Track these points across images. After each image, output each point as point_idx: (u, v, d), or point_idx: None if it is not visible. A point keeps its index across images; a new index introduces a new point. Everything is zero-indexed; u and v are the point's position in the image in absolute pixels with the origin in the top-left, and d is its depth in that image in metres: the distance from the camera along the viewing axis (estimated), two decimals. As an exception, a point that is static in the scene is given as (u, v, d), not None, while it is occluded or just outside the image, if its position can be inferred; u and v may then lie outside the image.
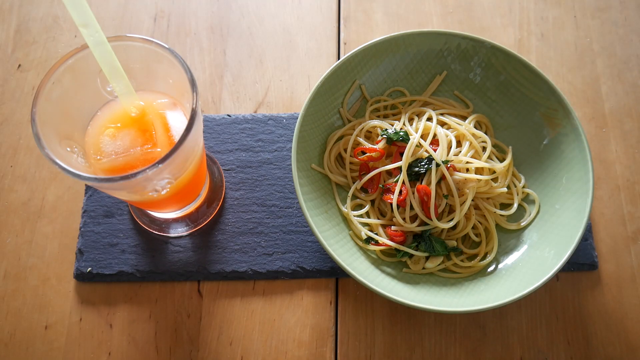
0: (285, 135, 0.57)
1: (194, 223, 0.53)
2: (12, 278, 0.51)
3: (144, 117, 0.43)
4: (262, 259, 0.52)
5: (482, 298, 0.46)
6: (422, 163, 0.49)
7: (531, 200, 0.52)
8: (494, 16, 0.65)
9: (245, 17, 0.64)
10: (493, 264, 0.50)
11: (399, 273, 0.49)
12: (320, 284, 0.52)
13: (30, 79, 0.60)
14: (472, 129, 0.52)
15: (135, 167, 0.41)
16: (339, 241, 0.48)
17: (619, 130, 0.59)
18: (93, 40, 0.38)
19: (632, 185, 0.56)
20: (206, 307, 0.51)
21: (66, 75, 0.39)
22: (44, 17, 0.64)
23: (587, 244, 0.52)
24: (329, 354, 0.49)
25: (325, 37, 0.63)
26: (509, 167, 0.53)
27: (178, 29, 0.63)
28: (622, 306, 0.51)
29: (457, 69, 0.56)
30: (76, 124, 0.43)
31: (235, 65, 0.62)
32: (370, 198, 0.52)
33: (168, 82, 0.43)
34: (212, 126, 0.57)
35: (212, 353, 0.49)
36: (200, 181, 0.51)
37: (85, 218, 0.53)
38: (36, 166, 0.56)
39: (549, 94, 0.52)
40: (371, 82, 0.56)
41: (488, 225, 0.51)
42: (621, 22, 0.64)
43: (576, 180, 0.49)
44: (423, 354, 0.49)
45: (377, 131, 0.53)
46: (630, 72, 0.61)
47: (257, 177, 0.55)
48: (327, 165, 0.53)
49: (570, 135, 0.50)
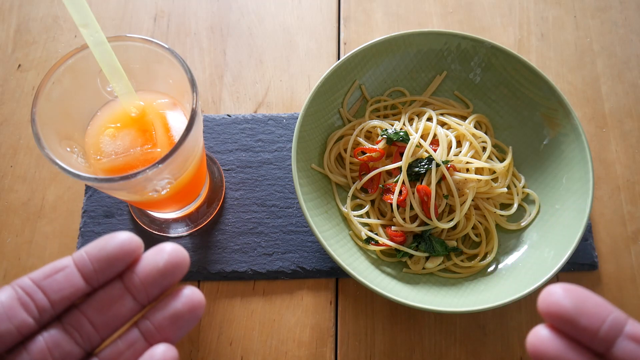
0: (285, 135, 0.57)
1: (194, 223, 0.53)
2: (12, 278, 0.51)
3: (144, 117, 0.43)
4: (262, 259, 0.52)
5: (482, 298, 0.46)
6: (422, 163, 0.49)
7: (531, 200, 0.52)
8: (494, 16, 0.65)
9: (245, 17, 0.64)
10: (493, 264, 0.50)
11: (399, 273, 0.49)
12: (320, 284, 0.52)
13: (30, 79, 0.60)
14: (472, 129, 0.52)
15: (135, 167, 0.41)
16: (339, 241, 0.48)
17: (619, 130, 0.59)
18: (93, 40, 0.38)
19: (632, 185, 0.56)
20: (206, 307, 0.51)
21: (66, 75, 0.39)
22: (44, 17, 0.64)
23: (587, 244, 0.52)
24: (329, 354, 0.49)
25: (325, 37, 0.63)
26: (509, 167, 0.53)
27: (178, 29, 0.63)
28: (622, 306, 0.51)
29: (457, 69, 0.56)
30: (76, 124, 0.43)
31: (235, 65, 0.62)
32: (370, 198, 0.52)
33: (168, 82, 0.43)
34: (212, 126, 0.57)
35: (212, 353, 0.49)
36: (200, 181, 0.51)
37: (85, 218, 0.53)
38: (36, 166, 0.56)
39: (549, 94, 0.52)
40: (371, 82, 0.56)
41: (488, 226, 0.51)
42: (621, 22, 0.64)
43: (576, 180, 0.49)
44: (423, 354, 0.49)
45: (377, 131, 0.53)
46: (630, 72, 0.61)
47: (257, 177, 0.55)
48: (327, 165, 0.53)
49: (570, 135, 0.50)
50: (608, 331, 0.24)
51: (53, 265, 0.27)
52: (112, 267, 0.27)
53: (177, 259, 0.27)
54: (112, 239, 0.27)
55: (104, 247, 0.27)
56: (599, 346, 0.24)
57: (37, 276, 0.27)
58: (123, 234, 0.27)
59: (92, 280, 0.27)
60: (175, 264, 0.27)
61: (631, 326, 0.24)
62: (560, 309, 0.24)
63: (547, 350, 0.24)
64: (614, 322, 0.24)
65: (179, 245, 0.28)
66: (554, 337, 0.25)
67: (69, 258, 0.27)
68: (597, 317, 0.24)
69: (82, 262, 0.27)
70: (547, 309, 0.24)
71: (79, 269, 0.27)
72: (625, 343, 0.24)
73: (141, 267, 0.27)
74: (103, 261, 0.27)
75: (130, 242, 0.27)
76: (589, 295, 0.25)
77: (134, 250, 0.27)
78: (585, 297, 0.24)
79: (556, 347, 0.24)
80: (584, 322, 0.24)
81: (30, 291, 0.26)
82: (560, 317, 0.24)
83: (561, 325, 0.24)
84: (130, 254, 0.27)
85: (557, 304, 0.24)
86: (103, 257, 0.27)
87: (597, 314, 0.24)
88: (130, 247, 0.27)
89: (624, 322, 0.24)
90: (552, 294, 0.25)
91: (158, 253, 0.28)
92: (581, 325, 0.24)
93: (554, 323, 0.25)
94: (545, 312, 0.25)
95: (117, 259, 0.27)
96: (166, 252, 0.28)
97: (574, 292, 0.24)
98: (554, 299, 0.24)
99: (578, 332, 0.24)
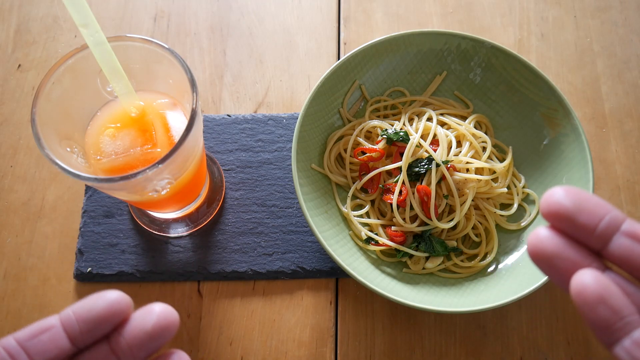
0: (285, 135, 0.57)
1: (194, 223, 0.53)
2: (12, 278, 0.51)
3: (144, 117, 0.43)
4: (262, 259, 0.52)
5: (482, 298, 0.46)
6: (422, 163, 0.49)
7: (531, 200, 0.52)
8: (494, 16, 0.65)
9: (245, 17, 0.64)
10: (493, 264, 0.50)
11: (399, 273, 0.49)
12: (320, 284, 0.52)
13: (30, 79, 0.60)
14: (472, 129, 0.52)
15: (135, 167, 0.41)
16: (339, 241, 0.48)
17: (619, 130, 0.59)
18: (93, 40, 0.38)
19: (632, 185, 0.56)
20: (206, 307, 0.51)
21: (66, 75, 0.39)
22: (44, 17, 0.64)
23: (587, 244, 0.52)
24: (329, 354, 0.49)
25: (325, 37, 0.63)
26: (509, 167, 0.53)
27: (178, 29, 0.63)
28: (622, 306, 0.51)
29: (457, 69, 0.56)
30: (76, 124, 0.43)
31: (235, 65, 0.62)
32: (370, 198, 0.52)
33: (168, 82, 0.43)
34: (212, 126, 0.57)
35: (212, 353, 0.49)
36: (200, 181, 0.51)
37: (85, 218, 0.53)
38: (36, 166, 0.56)
39: (549, 94, 0.52)
40: (371, 82, 0.56)
41: (488, 226, 0.51)
42: (621, 22, 0.64)
43: (576, 181, 0.49)
44: (423, 354, 0.49)
45: (377, 131, 0.53)
46: (630, 72, 0.61)
47: (257, 177, 0.55)
48: (327, 165, 0.53)
49: (570, 135, 0.50)
50: (605, 228, 0.24)
51: (39, 325, 0.26)
52: (99, 328, 0.26)
53: (166, 321, 0.26)
54: (101, 299, 0.26)
55: (92, 307, 0.26)
56: (596, 243, 0.25)
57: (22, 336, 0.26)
58: (112, 294, 0.26)
59: (78, 342, 0.26)
60: (164, 327, 0.26)
61: (628, 224, 0.25)
62: (560, 208, 0.25)
63: (546, 248, 0.25)
64: (611, 220, 0.24)
65: (168, 306, 0.27)
66: (554, 235, 0.25)
67: (56, 317, 0.26)
68: (596, 215, 0.24)
69: (69, 322, 0.26)
70: (548, 208, 0.25)
71: (65, 330, 0.26)
72: (621, 240, 0.24)
73: (129, 329, 0.26)
74: (90, 322, 0.26)
75: (120, 303, 0.26)
76: (589, 196, 0.25)
77: (122, 311, 0.26)
78: (585, 197, 0.25)
79: (555, 245, 0.25)
80: (582, 220, 0.24)
81: (14, 352, 0.25)
82: (560, 216, 0.25)
83: (561, 224, 0.25)
84: (118, 314, 0.26)
85: (557, 203, 0.25)
86: (91, 318, 0.26)
87: (596, 212, 0.25)
88: (119, 307, 0.26)
89: (621, 220, 0.25)
90: (554, 195, 0.25)
91: (147, 314, 0.27)
92: (579, 223, 0.24)
93: (554, 222, 0.25)
94: (546, 212, 0.25)
95: (105, 320, 0.26)
96: (155, 314, 0.26)
97: (575, 192, 0.25)
98: (555, 199, 0.25)
99: (576, 230, 0.25)
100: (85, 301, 0.26)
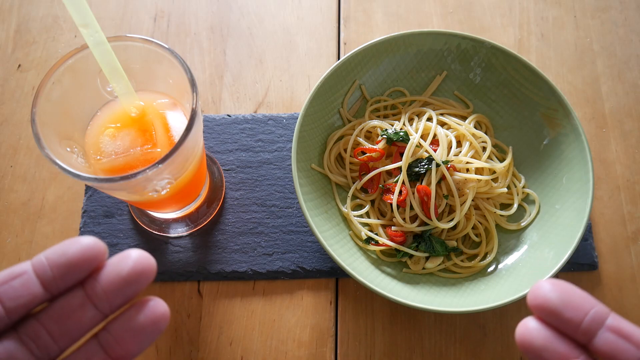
0: (285, 135, 0.57)
1: (194, 223, 0.53)
2: (12, 278, 0.51)
3: (144, 117, 0.43)
4: (262, 259, 0.52)
5: (482, 298, 0.46)
6: (422, 163, 0.49)
7: (531, 200, 0.52)
8: (494, 16, 0.65)
9: (245, 17, 0.64)
10: (493, 264, 0.50)
11: (399, 273, 0.49)
12: (320, 284, 0.52)
13: (30, 79, 0.60)
14: (472, 129, 0.52)
15: (135, 167, 0.41)
16: (339, 241, 0.48)
17: (619, 130, 0.59)
18: (93, 40, 0.38)
19: (632, 185, 0.56)
20: (206, 307, 0.51)
21: (66, 75, 0.39)
22: (44, 17, 0.64)
23: (587, 244, 0.52)
24: (329, 354, 0.49)
25: (325, 37, 0.63)
26: (509, 167, 0.53)
27: (178, 29, 0.63)
28: (622, 306, 0.51)
29: (457, 69, 0.56)
30: (76, 124, 0.43)
31: (235, 65, 0.62)
32: (370, 198, 0.52)
33: (168, 82, 0.43)
34: (212, 126, 0.57)
35: (212, 353, 0.49)
36: (200, 181, 0.51)
37: (85, 218, 0.53)
38: (36, 166, 0.56)
39: (549, 94, 0.52)
40: (371, 82, 0.56)
41: (488, 226, 0.51)
42: (621, 22, 0.64)
43: (576, 181, 0.49)
44: (423, 354, 0.49)
45: (377, 131, 0.53)
46: (630, 72, 0.61)
47: (257, 177, 0.55)
48: (327, 165, 0.53)
49: (570, 135, 0.50)
50: (590, 323, 0.25)
51: (10, 271, 0.25)
52: (72, 274, 0.25)
53: (142, 267, 0.26)
54: (74, 244, 0.25)
55: (64, 252, 0.25)
56: (582, 337, 0.26)
57: None
58: (86, 239, 0.25)
59: (52, 288, 0.25)
60: (140, 272, 0.26)
61: (612, 319, 0.25)
62: (546, 302, 0.26)
63: (534, 340, 0.26)
64: (596, 315, 0.25)
65: (145, 252, 0.26)
66: (541, 328, 0.26)
67: (27, 263, 0.25)
68: (581, 310, 0.25)
69: (41, 268, 0.25)
70: (535, 302, 0.26)
71: (38, 275, 0.25)
72: (606, 335, 0.25)
73: (104, 274, 0.26)
74: (64, 267, 0.25)
75: (94, 248, 0.25)
76: (575, 290, 0.26)
77: (96, 257, 0.25)
78: (570, 292, 0.26)
79: (543, 338, 0.26)
80: (568, 315, 0.25)
81: None
82: (547, 310, 0.26)
83: (548, 317, 0.26)
84: (92, 260, 0.25)
85: (544, 298, 0.26)
86: (63, 263, 0.25)
87: (581, 307, 0.26)
88: (93, 252, 0.25)
89: (605, 315, 0.26)
90: (540, 288, 0.26)
91: (123, 260, 0.26)
92: (565, 317, 0.25)
93: (541, 315, 0.26)
94: (533, 305, 0.26)
95: (79, 265, 0.25)
96: (131, 259, 0.26)
97: (561, 286, 0.26)
98: (542, 293, 0.26)
99: (563, 324, 0.26)
100: (59, 246, 0.25)
